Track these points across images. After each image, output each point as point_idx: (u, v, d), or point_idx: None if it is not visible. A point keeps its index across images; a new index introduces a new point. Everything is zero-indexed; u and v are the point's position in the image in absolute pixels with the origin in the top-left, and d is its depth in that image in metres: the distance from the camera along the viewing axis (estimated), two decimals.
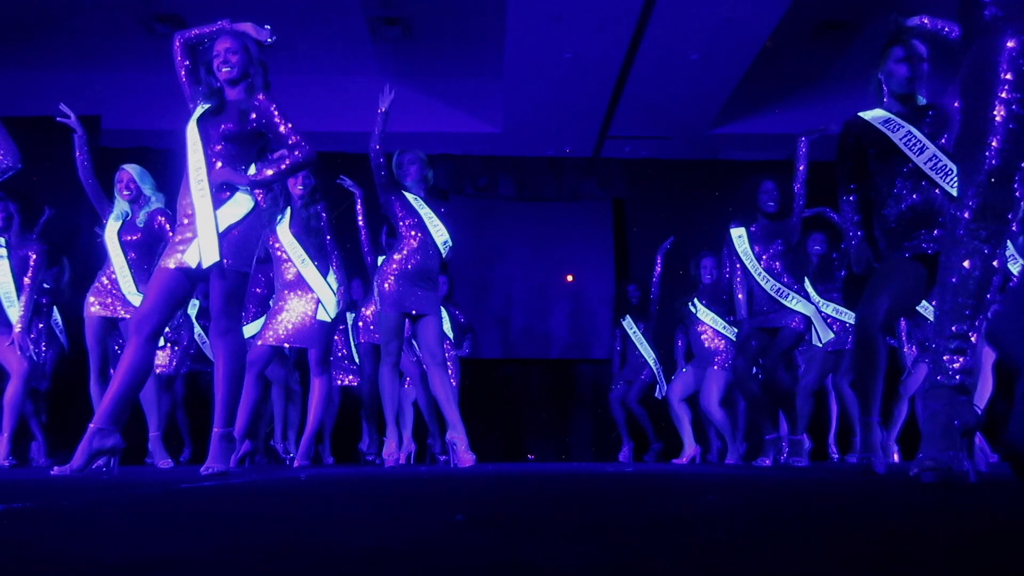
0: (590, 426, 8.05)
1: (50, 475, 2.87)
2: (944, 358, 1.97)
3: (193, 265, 2.92)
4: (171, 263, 2.96)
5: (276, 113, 3.03)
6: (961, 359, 1.96)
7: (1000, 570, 0.75)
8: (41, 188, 5.83)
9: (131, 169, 4.29)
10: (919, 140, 2.97)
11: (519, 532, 1.08)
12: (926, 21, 3.07)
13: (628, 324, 6.54)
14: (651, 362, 6.47)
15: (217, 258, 2.89)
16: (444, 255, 4.45)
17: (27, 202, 4.92)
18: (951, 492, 1.76)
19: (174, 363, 5.65)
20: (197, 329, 5.84)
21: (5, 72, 6.99)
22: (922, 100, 3.11)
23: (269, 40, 3.11)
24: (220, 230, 2.92)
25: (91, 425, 2.88)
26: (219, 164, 3.00)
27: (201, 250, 2.90)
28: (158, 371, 5.13)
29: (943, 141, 2.97)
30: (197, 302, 5.61)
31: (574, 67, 6.46)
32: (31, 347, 4.44)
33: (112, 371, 3.90)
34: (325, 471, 3.92)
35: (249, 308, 5.09)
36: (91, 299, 4.25)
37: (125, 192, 4.26)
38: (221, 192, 2.97)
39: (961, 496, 1.65)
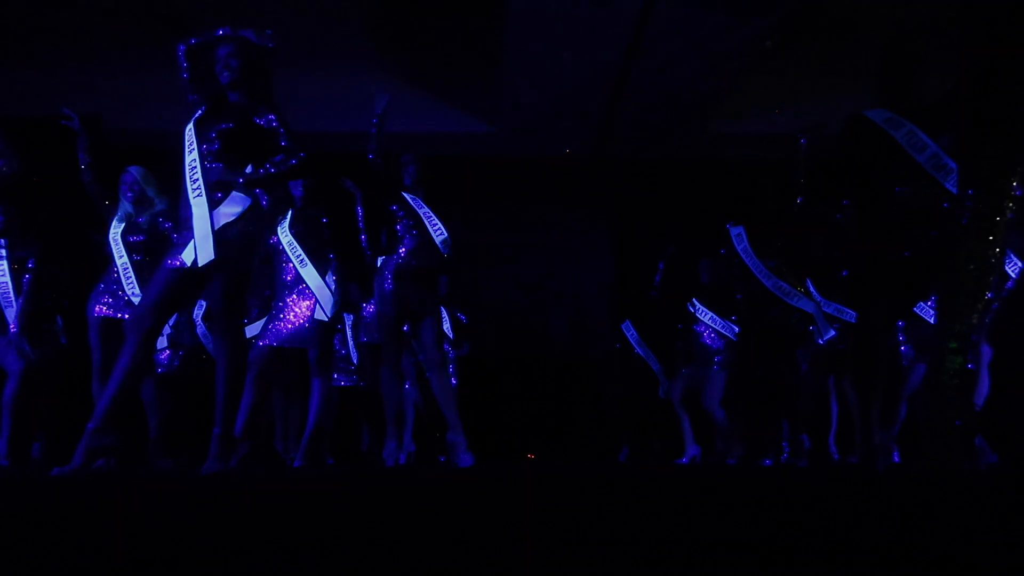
0: (590, 426, 8.03)
1: (50, 475, 2.87)
2: (944, 358, 1.97)
3: (189, 264, 2.93)
4: (170, 263, 2.96)
5: (275, 119, 3.06)
6: (961, 359, 1.96)
7: (999, 570, 0.75)
8: (41, 188, 5.82)
9: (136, 171, 4.29)
10: (920, 138, 2.97)
11: (519, 532, 1.08)
12: (926, 22, 3.07)
13: (627, 327, 6.54)
14: (652, 364, 6.47)
15: (212, 257, 2.89)
16: (444, 254, 4.45)
17: (27, 203, 4.92)
18: (951, 492, 1.76)
19: (175, 363, 5.64)
20: (200, 329, 5.83)
21: (5, 72, 6.99)
22: (924, 99, 3.10)
23: (271, 45, 3.13)
24: (215, 229, 2.93)
25: (89, 425, 2.88)
26: (214, 164, 3.01)
27: (196, 249, 2.91)
28: (159, 371, 5.13)
29: (945, 140, 2.96)
30: (204, 302, 5.60)
31: (574, 67, 6.45)
32: (28, 347, 4.45)
33: None
34: (325, 471, 3.92)
35: (252, 308, 5.08)
36: (94, 299, 4.25)
37: (129, 194, 4.26)
38: (216, 192, 2.98)
39: (961, 496, 1.65)
